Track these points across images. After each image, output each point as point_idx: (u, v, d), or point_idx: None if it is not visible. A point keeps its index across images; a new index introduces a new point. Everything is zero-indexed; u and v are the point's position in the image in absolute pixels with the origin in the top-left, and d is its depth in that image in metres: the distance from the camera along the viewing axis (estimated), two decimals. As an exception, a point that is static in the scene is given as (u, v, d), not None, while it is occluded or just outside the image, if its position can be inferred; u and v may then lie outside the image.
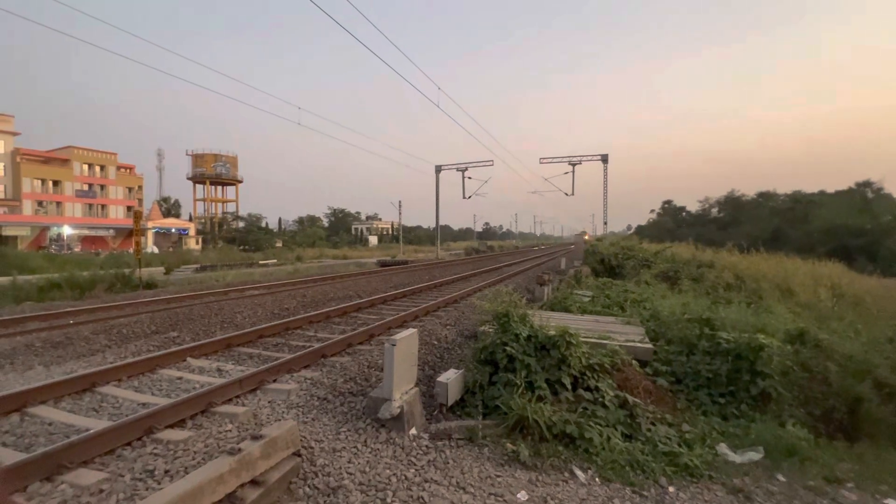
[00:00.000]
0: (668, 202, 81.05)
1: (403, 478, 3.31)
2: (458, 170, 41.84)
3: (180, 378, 5.07)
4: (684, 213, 76.12)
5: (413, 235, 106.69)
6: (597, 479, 3.62)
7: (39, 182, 55.72)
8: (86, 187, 59.70)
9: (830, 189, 55.87)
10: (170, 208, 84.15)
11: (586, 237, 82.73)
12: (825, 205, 49.57)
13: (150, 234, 58.73)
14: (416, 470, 3.45)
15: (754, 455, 4.22)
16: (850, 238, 39.30)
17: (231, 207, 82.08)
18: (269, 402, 4.41)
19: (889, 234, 38.17)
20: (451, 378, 4.68)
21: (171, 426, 3.68)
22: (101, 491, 2.73)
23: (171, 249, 53.04)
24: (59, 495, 2.68)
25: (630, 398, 4.69)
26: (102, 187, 61.82)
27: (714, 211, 68.89)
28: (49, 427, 3.72)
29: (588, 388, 4.73)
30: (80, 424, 3.74)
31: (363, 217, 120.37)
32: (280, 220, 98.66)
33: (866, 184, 50.84)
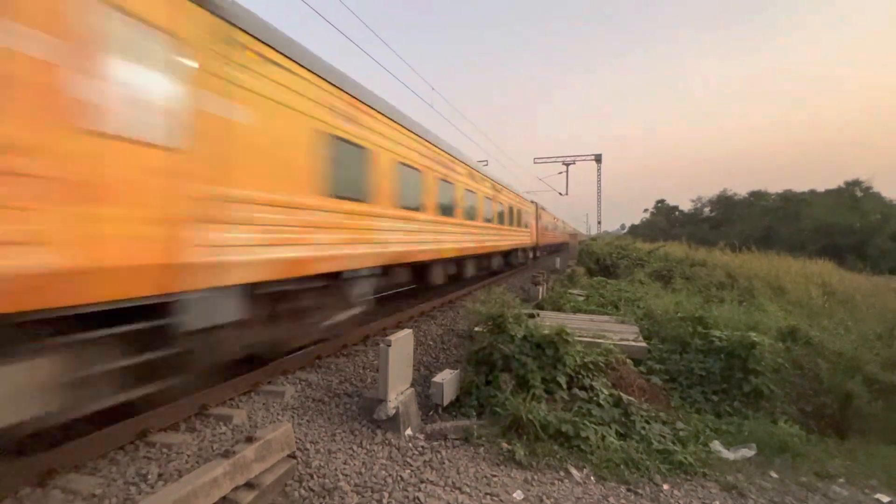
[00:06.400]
0: (662, 201, 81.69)
1: (399, 478, 3.31)
2: (452, 170, 41.75)
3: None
4: (677, 213, 76.71)
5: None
6: (592, 478, 3.63)
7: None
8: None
9: (821, 188, 56.63)
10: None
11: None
12: (816, 204, 50.19)
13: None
14: (412, 471, 3.45)
15: (747, 452, 4.26)
16: (839, 236, 39.83)
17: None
18: (263, 403, 4.39)
19: (878, 232, 38.72)
20: (446, 378, 4.68)
21: (165, 429, 3.66)
22: (94, 496, 2.70)
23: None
24: (50, 500, 2.65)
25: (625, 396, 4.71)
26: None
27: (706, 210, 69.52)
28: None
29: (583, 387, 4.76)
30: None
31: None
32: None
33: (855, 183, 51.55)
